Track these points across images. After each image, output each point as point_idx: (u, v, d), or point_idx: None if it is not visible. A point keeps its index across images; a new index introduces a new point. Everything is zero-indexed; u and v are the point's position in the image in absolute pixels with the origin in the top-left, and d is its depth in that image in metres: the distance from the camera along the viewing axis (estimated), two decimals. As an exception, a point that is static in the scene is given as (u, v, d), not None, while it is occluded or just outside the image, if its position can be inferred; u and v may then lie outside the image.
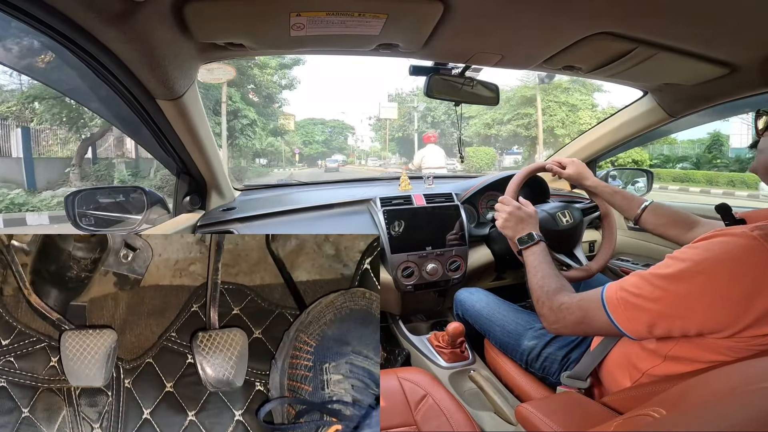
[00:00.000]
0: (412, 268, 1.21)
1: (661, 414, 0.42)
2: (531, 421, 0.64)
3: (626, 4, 0.67)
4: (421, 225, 1.24)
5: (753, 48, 0.81)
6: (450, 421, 0.78)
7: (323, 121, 37.43)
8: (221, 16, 0.68)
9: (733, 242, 0.54)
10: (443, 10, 0.68)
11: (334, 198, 1.36)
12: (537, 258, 0.82)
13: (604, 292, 0.63)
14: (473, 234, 1.30)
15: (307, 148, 34.05)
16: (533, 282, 0.78)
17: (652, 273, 0.58)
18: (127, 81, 0.78)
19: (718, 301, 0.53)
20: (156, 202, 1.13)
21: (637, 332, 0.60)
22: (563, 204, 1.16)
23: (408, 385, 0.87)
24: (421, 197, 1.29)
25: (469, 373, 1.04)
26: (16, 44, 0.80)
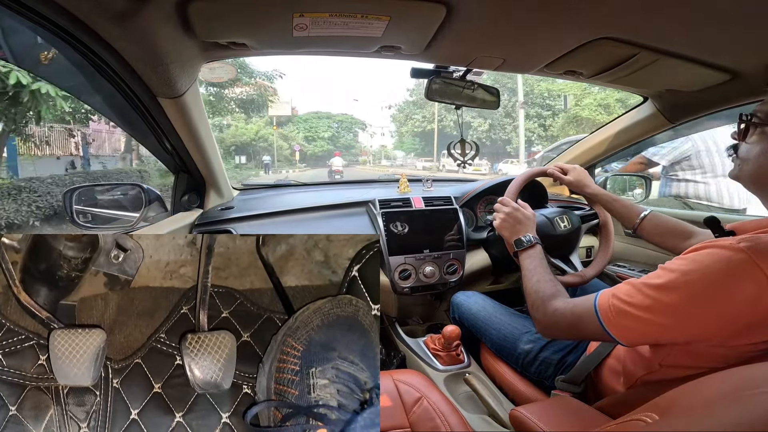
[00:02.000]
0: (410, 270, 1.21)
1: (654, 419, 0.42)
2: (525, 424, 0.64)
3: (629, 9, 0.67)
4: (419, 228, 1.24)
5: (755, 55, 0.81)
6: (444, 423, 0.78)
7: (329, 114, 32.68)
8: (224, 16, 0.68)
9: (720, 254, 0.54)
10: (446, 13, 0.68)
11: (333, 199, 1.36)
12: (533, 261, 0.82)
13: (597, 299, 0.63)
14: (471, 238, 1.30)
15: (310, 145, 29.82)
16: (528, 285, 0.78)
17: (644, 282, 0.59)
18: (130, 78, 0.78)
19: (706, 311, 0.53)
20: (154, 199, 1.13)
21: (628, 339, 0.60)
22: (562, 209, 1.16)
23: (403, 387, 0.87)
24: (420, 200, 1.29)
25: (464, 376, 1.04)
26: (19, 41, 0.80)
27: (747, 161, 0.62)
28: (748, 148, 0.62)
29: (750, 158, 0.61)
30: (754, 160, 0.61)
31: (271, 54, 0.91)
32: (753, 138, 0.61)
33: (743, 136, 0.63)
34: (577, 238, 1.13)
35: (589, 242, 1.44)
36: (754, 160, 0.61)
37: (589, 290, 1.13)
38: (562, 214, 1.13)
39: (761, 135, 0.60)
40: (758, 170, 0.60)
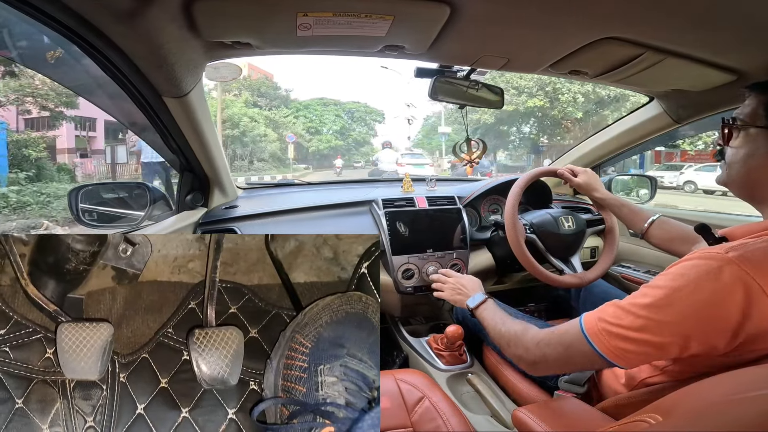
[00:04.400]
0: (413, 270, 1.21)
1: (657, 420, 0.42)
2: (527, 425, 0.64)
3: (634, 9, 0.66)
4: (422, 227, 1.24)
5: (761, 55, 0.80)
6: (446, 423, 0.78)
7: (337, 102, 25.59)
8: (229, 15, 0.69)
9: (708, 265, 0.51)
10: (450, 13, 0.68)
11: (337, 198, 1.36)
12: (491, 312, 0.83)
13: (583, 324, 0.59)
14: (475, 237, 1.29)
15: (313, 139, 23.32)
16: (497, 330, 0.77)
17: (631, 303, 0.56)
18: (134, 78, 0.78)
19: (703, 325, 0.51)
20: (159, 198, 1.14)
21: (627, 362, 0.56)
22: (568, 210, 1.16)
23: (405, 386, 0.87)
24: (424, 199, 1.29)
25: (467, 376, 1.04)
26: (24, 40, 0.81)
27: (733, 165, 0.60)
28: (734, 152, 0.60)
29: (736, 162, 0.60)
30: (740, 164, 0.59)
31: (275, 53, 0.92)
32: (737, 141, 0.60)
33: (727, 140, 0.61)
34: (580, 241, 1.13)
35: (595, 242, 1.44)
36: (741, 163, 0.59)
37: (593, 291, 1.13)
38: (567, 215, 1.13)
39: (745, 137, 0.59)
40: (746, 174, 0.59)
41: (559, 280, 1.06)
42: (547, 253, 1.09)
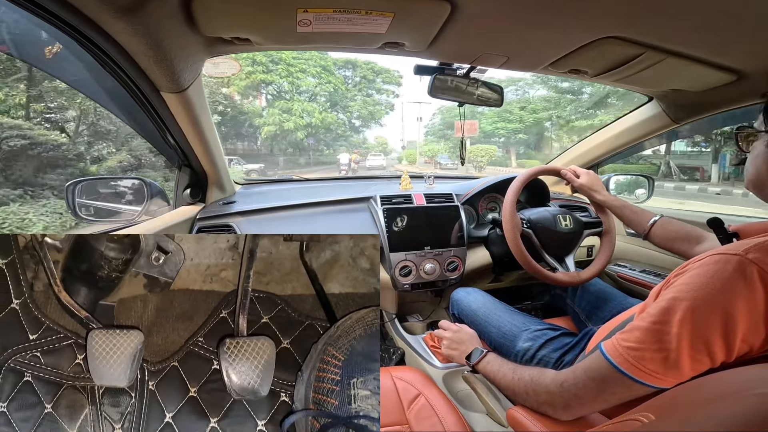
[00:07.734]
0: (410, 267, 1.21)
1: (650, 419, 0.42)
2: (522, 423, 0.64)
3: (635, 9, 0.66)
4: (420, 224, 1.24)
5: (761, 55, 0.80)
6: (442, 421, 0.78)
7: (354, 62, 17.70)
8: (228, 11, 0.68)
9: (727, 270, 0.50)
10: (450, 11, 0.67)
11: (335, 195, 1.36)
12: (495, 364, 0.77)
13: (607, 354, 0.55)
14: (472, 235, 1.30)
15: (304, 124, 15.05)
16: (508, 381, 0.71)
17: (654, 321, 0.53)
18: (133, 73, 0.78)
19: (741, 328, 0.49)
20: (156, 193, 1.14)
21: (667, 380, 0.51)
22: (567, 209, 1.16)
23: (401, 384, 0.87)
24: (422, 197, 1.29)
25: (463, 374, 1.05)
26: (22, 34, 0.80)
27: (748, 168, 0.63)
28: (748, 156, 0.63)
29: (749, 164, 0.62)
30: (752, 165, 0.61)
31: (275, 49, 0.91)
32: (751, 146, 0.62)
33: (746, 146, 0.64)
34: (575, 241, 1.13)
35: (592, 241, 1.44)
36: (751, 164, 0.62)
37: (589, 290, 1.13)
38: (565, 213, 1.13)
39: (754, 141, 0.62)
40: (757, 173, 0.60)
41: (553, 277, 1.06)
42: (542, 250, 1.09)
